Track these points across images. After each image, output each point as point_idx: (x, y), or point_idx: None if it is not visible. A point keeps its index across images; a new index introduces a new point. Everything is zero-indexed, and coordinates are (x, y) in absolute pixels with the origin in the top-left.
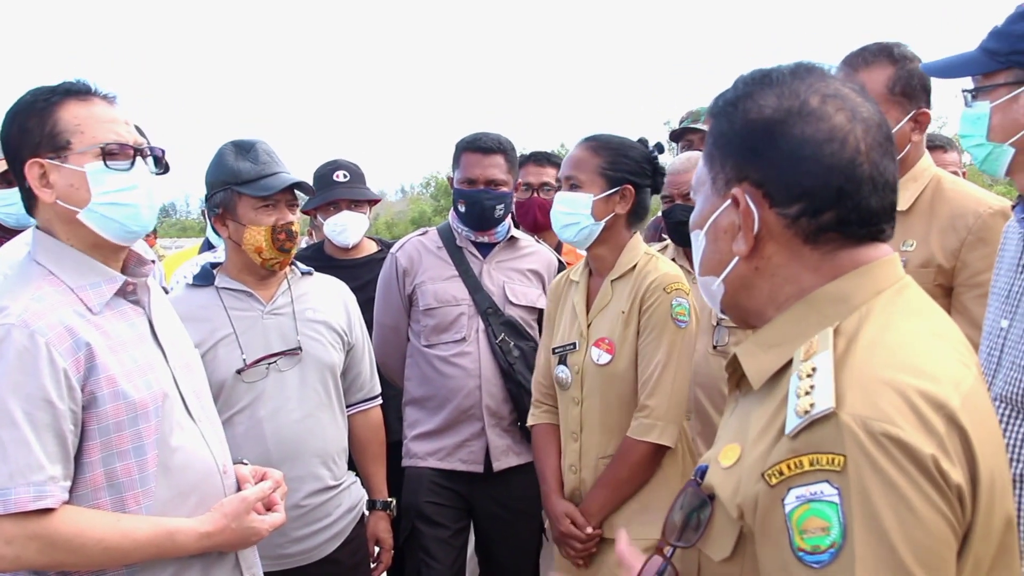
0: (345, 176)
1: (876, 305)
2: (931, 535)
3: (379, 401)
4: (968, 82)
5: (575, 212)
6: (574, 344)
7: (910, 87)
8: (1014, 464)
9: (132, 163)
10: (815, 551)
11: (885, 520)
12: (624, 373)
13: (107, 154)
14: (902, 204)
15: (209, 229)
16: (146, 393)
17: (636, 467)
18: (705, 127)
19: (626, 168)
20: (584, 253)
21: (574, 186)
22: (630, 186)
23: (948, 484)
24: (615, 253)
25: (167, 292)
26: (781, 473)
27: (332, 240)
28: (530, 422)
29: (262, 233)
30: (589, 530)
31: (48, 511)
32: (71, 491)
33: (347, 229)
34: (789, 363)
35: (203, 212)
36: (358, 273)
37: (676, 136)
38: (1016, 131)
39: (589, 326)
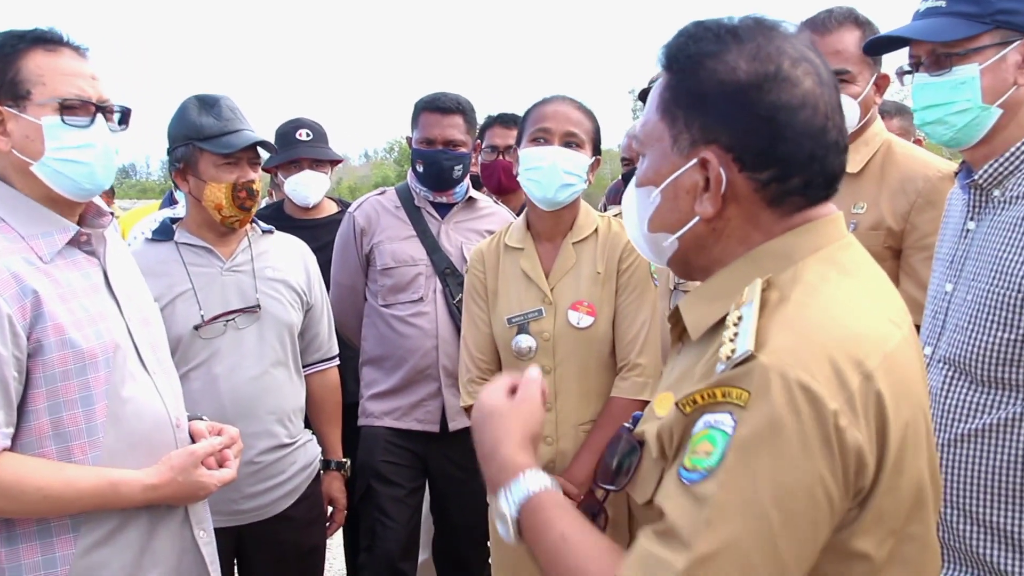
0: (308, 135)
1: (813, 261)
2: (799, 483)
3: (336, 362)
4: (903, 54)
5: (576, 172)
6: (539, 311)
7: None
8: (955, 424)
9: (92, 120)
10: (693, 470)
11: (760, 457)
12: (604, 335)
13: (65, 108)
14: (853, 167)
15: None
16: (95, 343)
17: None
18: None
19: (599, 137)
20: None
21: (575, 145)
22: (599, 156)
23: (843, 445)
24: (571, 216)
25: None
26: (695, 402)
27: (292, 199)
28: (468, 401)
29: (222, 190)
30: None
31: None
32: (15, 439)
33: (308, 188)
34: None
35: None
36: (318, 233)
37: (644, 96)
38: (1004, 92)
39: (552, 290)
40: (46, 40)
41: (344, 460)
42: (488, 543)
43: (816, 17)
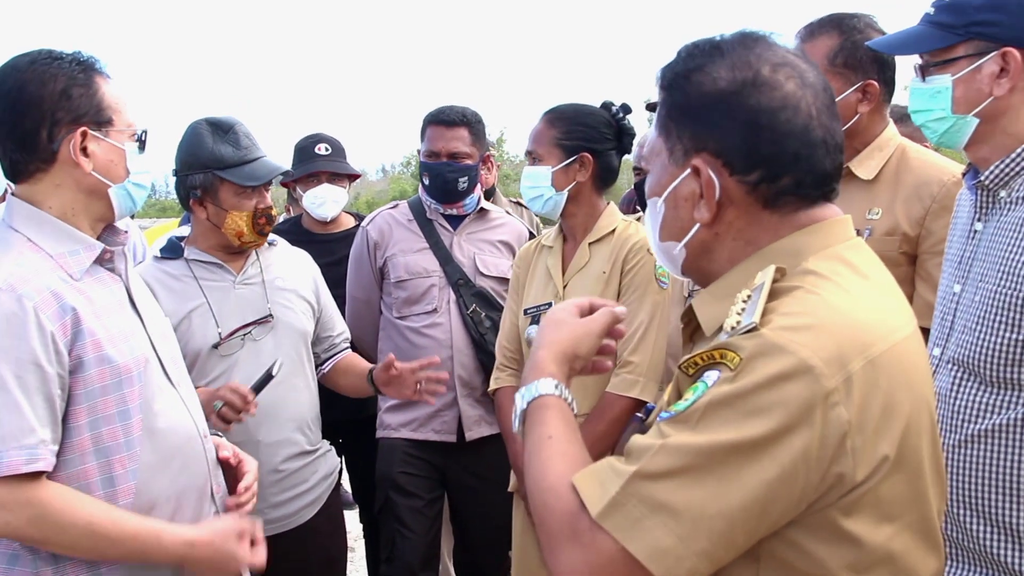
0: (327, 149)
1: (823, 258)
2: (757, 446)
3: (348, 346)
4: (917, 57)
5: (537, 185)
6: (549, 304)
7: (854, 59)
8: (965, 425)
9: (144, 146)
10: (668, 410)
11: (721, 415)
12: None
13: (138, 136)
14: (867, 173)
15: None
16: (129, 358)
17: (615, 423)
18: None
19: (581, 136)
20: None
21: (535, 160)
22: (587, 154)
23: (826, 420)
24: (589, 219)
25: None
26: (696, 364)
27: (311, 213)
28: (494, 386)
29: (243, 218)
30: None
31: (39, 476)
32: (59, 456)
33: (326, 202)
34: None
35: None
36: (336, 247)
37: (653, 108)
38: (980, 102)
39: (565, 287)
40: (100, 68)
41: None
42: (509, 552)
43: (801, 28)
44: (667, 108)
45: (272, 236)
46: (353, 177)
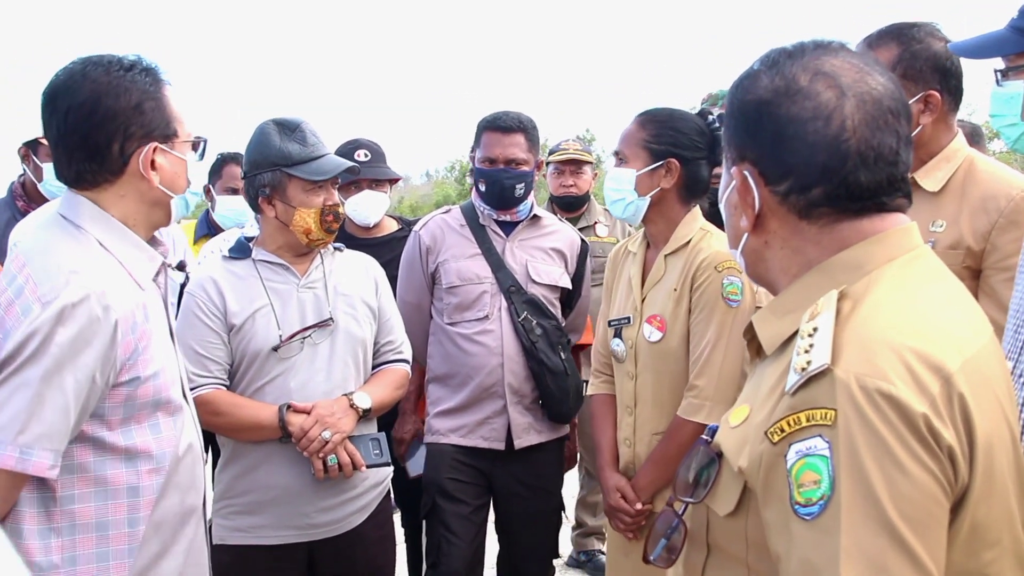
0: (366, 155)
1: (886, 271)
2: (918, 490)
3: (405, 367)
4: (998, 61)
5: (620, 188)
6: (628, 318)
7: (913, 69)
8: None
9: (204, 155)
10: (807, 504)
11: (871, 473)
12: (676, 351)
13: (196, 144)
14: (934, 185)
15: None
16: (168, 376)
17: (684, 446)
18: (723, 110)
19: (671, 140)
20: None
21: (621, 161)
22: (675, 160)
23: (939, 443)
24: (669, 227)
25: (184, 266)
26: (782, 431)
27: (353, 219)
28: (589, 391)
29: (312, 215)
30: (639, 506)
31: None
32: (94, 457)
33: (368, 208)
34: None
35: (242, 188)
36: (379, 252)
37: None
38: None
39: (643, 301)
40: (163, 77)
41: (368, 407)
42: (553, 561)
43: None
44: (725, 116)
45: (338, 243)
46: (394, 181)
